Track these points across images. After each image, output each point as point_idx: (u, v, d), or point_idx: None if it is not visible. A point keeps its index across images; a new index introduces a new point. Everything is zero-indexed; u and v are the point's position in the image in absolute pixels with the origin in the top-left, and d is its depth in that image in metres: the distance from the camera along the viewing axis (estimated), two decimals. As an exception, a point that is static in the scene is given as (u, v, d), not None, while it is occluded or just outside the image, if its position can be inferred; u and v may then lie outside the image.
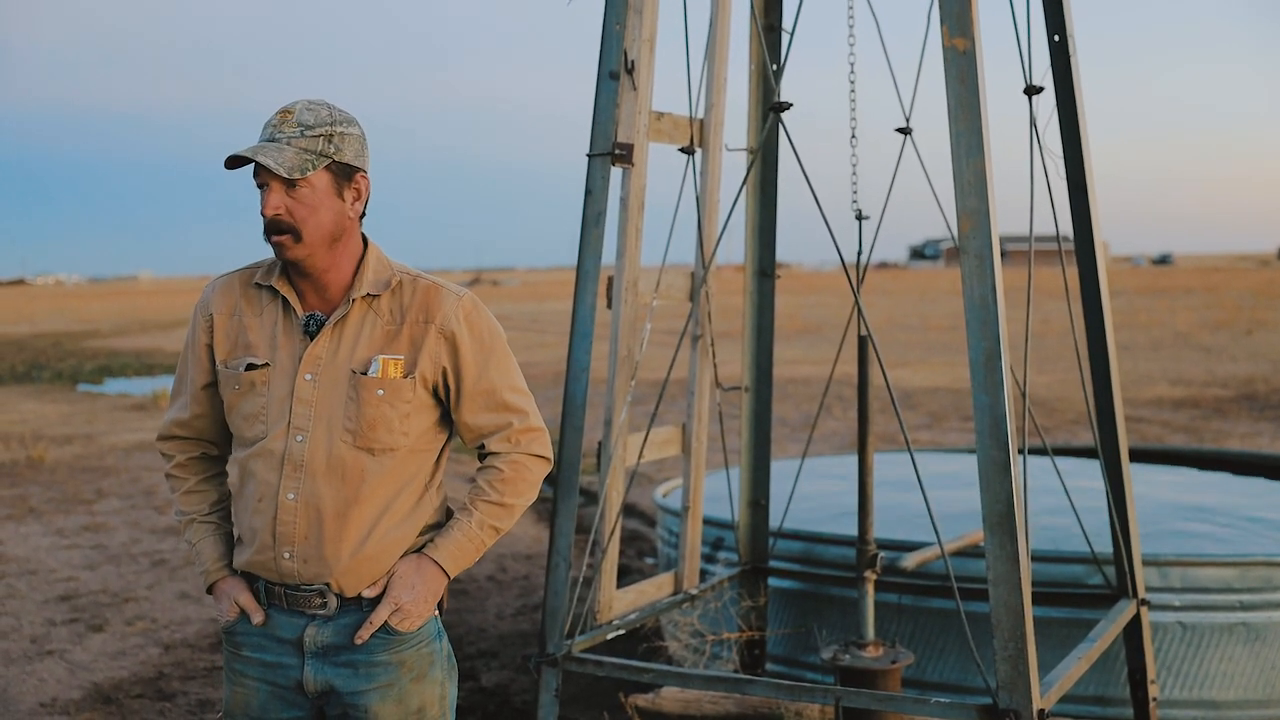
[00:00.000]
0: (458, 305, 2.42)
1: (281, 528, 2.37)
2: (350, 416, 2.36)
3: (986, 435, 3.18)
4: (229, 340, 2.45)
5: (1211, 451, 7.33)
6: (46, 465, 11.83)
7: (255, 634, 2.45)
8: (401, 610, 2.39)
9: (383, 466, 2.38)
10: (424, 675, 2.45)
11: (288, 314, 2.42)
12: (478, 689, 5.34)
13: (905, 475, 5.98)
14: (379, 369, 2.36)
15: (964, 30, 3.19)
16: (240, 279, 2.49)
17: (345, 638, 2.40)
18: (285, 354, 2.40)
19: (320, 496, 2.36)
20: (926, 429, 13.38)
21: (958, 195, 3.21)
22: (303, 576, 2.39)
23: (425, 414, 2.43)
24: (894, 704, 3.68)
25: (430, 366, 2.39)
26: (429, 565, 2.42)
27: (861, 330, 4.17)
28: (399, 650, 2.42)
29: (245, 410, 2.42)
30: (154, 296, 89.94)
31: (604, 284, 3.95)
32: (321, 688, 2.42)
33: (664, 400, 5.35)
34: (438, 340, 2.39)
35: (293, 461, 2.37)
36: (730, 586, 4.82)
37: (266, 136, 2.32)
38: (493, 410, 2.45)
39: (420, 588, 2.40)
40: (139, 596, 6.95)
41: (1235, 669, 4.39)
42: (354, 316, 2.40)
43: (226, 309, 2.47)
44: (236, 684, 2.49)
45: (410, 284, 2.43)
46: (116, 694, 5.36)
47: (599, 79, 3.87)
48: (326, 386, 2.37)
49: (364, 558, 2.38)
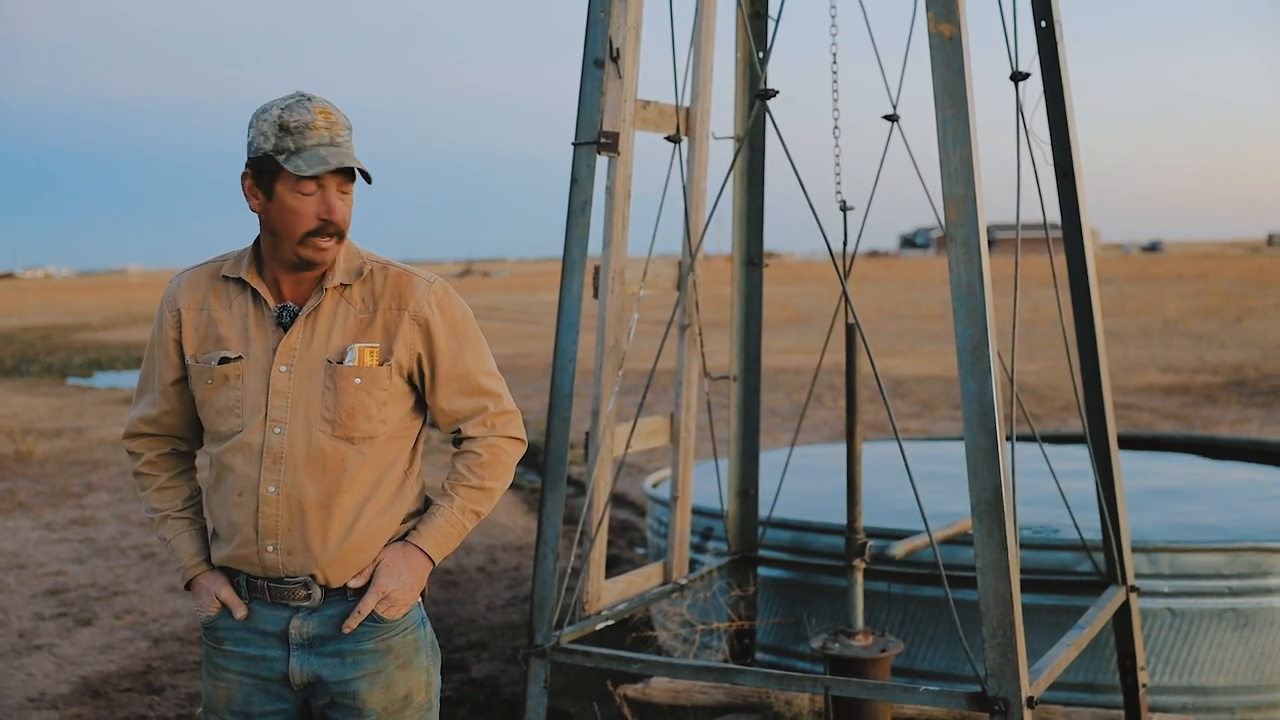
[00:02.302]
0: (429, 291, 2.43)
1: (264, 521, 2.36)
2: (328, 406, 2.36)
3: (974, 423, 3.17)
4: (198, 334, 2.44)
5: (1201, 438, 7.34)
6: (35, 459, 11.79)
7: (237, 628, 2.45)
8: (389, 598, 2.40)
9: (362, 455, 2.38)
10: (410, 662, 2.47)
11: (259, 306, 2.41)
12: (468, 680, 5.33)
13: (894, 464, 5.99)
14: (355, 357, 2.36)
15: (949, 16, 3.17)
16: (206, 272, 2.48)
17: (331, 628, 2.40)
18: (259, 346, 2.39)
19: (302, 488, 2.35)
20: (917, 417, 13.39)
21: (944, 182, 3.20)
22: (287, 569, 2.38)
23: (401, 401, 2.43)
24: (883, 692, 3.68)
25: (405, 353, 2.40)
26: (414, 552, 2.43)
27: (849, 319, 4.16)
28: (386, 638, 2.43)
29: (219, 404, 2.41)
30: (143, 289, 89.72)
31: (590, 274, 3.93)
32: (308, 679, 2.41)
33: (652, 390, 5.34)
34: (411, 327, 2.40)
35: (272, 454, 2.36)
36: (719, 576, 4.81)
37: (324, 141, 2.29)
38: (468, 395, 2.47)
39: (406, 575, 2.41)
40: (128, 590, 6.93)
41: (1225, 655, 4.40)
42: (327, 306, 2.40)
43: (194, 303, 2.45)
44: (218, 678, 2.48)
45: (381, 272, 2.44)
46: (105, 688, 5.34)
47: (584, 67, 3.85)
48: (302, 377, 2.37)
49: (349, 547, 2.38)
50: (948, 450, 6.51)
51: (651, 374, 4.01)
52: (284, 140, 2.28)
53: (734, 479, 4.87)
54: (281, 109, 2.30)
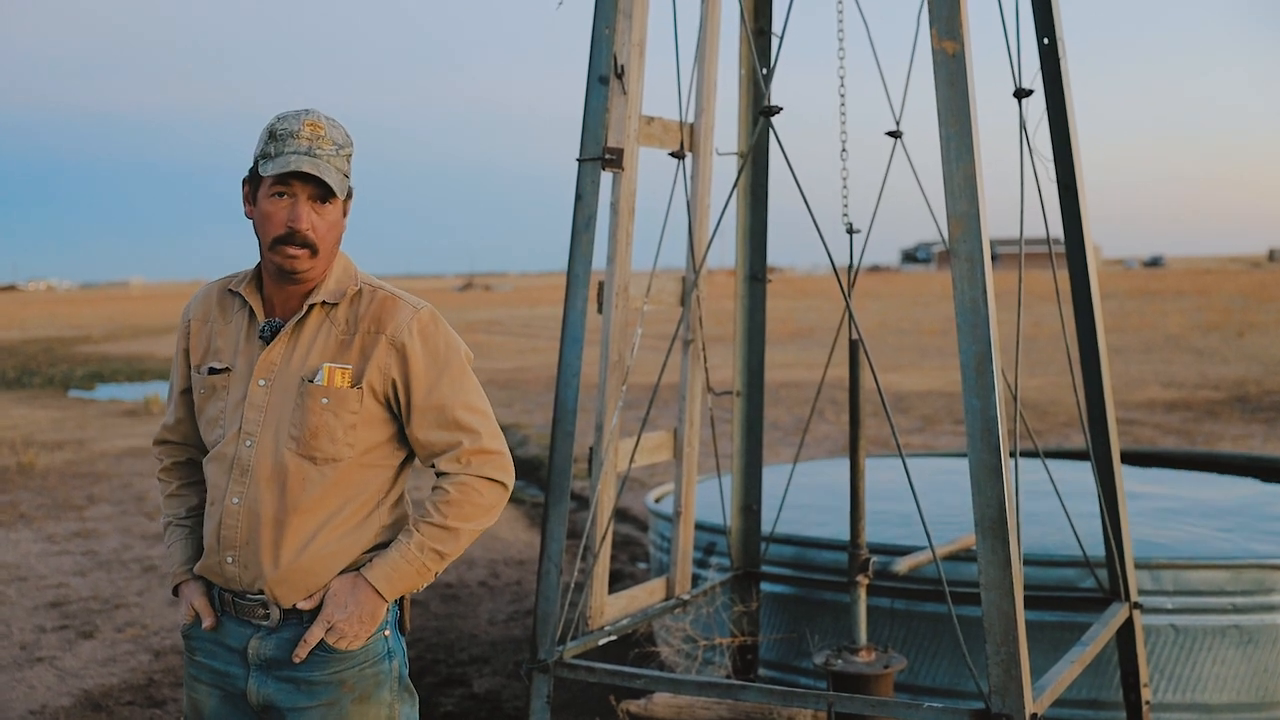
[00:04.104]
0: (413, 317, 2.38)
1: (225, 532, 2.37)
2: (296, 423, 2.34)
3: (978, 438, 3.17)
4: (201, 346, 2.48)
5: (1203, 454, 7.33)
6: (37, 471, 11.78)
7: (207, 639, 2.45)
8: (336, 629, 2.34)
9: (324, 477, 2.34)
10: (369, 696, 2.39)
11: (252, 320, 2.43)
12: (469, 695, 5.32)
13: (897, 479, 5.98)
14: (324, 377, 2.34)
15: (953, 33, 3.19)
16: (219, 286, 2.52)
17: (285, 652, 2.37)
18: (244, 359, 2.41)
19: (261, 502, 2.35)
20: (919, 433, 13.38)
21: (948, 198, 3.21)
22: (243, 583, 2.38)
23: (376, 427, 2.38)
24: (886, 709, 3.67)
25: (379, 378, 2.36)
26: (363, 585, 2.35)
27: (852, 334, 4.16)
28: (338, 670, 2.36)
29: (208, 414, 2.44)
30: (145, 302, 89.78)
31: (595, 289, 3.94)
32: (264, 701, 2.39)
33: (655, 405, 5.32)
34: (388, 351, 2.36)
35: (240, 466, 2.37)
36: (722, 591, 4.81)
37: (301, 150, 2.29)
38: (443, 428, 2.39)
39: (354, 608, 2.34)
40: (129, 603, 6.92)
41: (1228, 672, 4.39)
42: (310, 324, 2.40)
43: (202, 315, 2.50)
44: (191, 688, 2.50)
45: (369, 294, 2.41)
46: (106, 701, 5.33)
47: (589, 83, 3.86)
48: (278, 393, 2.37)
49: (297, 568, 2.34)
50: (949, 466, 6.51)
51: (655, 389, 4.01)
52: (268, 146, 2.32)
53: (737, 494, 4.87)
54: (277, 118, 2.34)
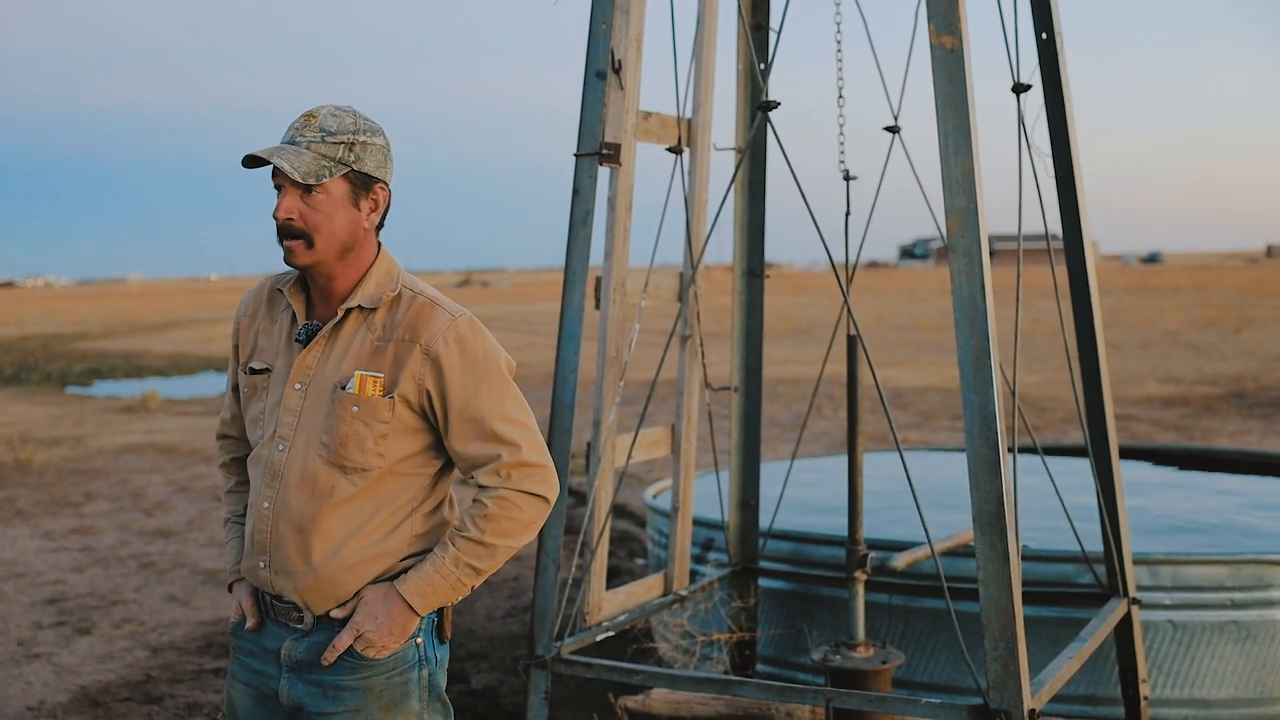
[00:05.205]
0: (451, 326, 2.30)
1: (258, 536, 2.36)
2: (327, 430, 2.30)
3: (976, 434, 3.17)
4: (249, 344, 2.46)
5: (1201, 449, 7.34)
6: (34, 467, 11.77)
7: (249, 639, 2.46)
8: (364, 638, 2.31)
9: (354, 485, 2.30)
10: (395, 705, 2.36)
11: (293, 322, 2.39)
12: (468, 691, 5.32)
13: (895, 474, 5.98)
14: (355, 385, 2.28)
15: (951, 28, 3.18)
16: (271, 283, 2.48)
17: (316, 655, 2.35)
18: (283, 361, 2.38)
19: (290, 508, 2.32)
20: (917, 428, 13.38)
21: (946, 194, 3.20)
22: (275, 587, 2.36)
23: (409, 437, 2.32)
24: (885, 705, 3.67)
25: (412, 387, 2.29)
26: (394, 597, 2.31)
27: (850, 330, 4.16)
28: (366, 676, 2.34)
29: (251, 414, 2.43)
30: (143, 298, 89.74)
31: (592, 284, 3.93)
32: (294, 703, 2.38)
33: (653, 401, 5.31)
34: (422, 361, 2.29)
35: (272, 470, 2.34)
36: (720, 587, 4.80)
37: (288, 139, 2.28)
38: (481, 440, 2.31)
39: (385, 619, 2.30)
40: (126, 599, 6.91)
41: (1226, 667, 4.39)
42: (348, 329, 2.34)
43: (251, 312, 2.48)
44: (231, 686, 2.50)
45: (409, 300, 2.34)
46: (104, 697, 5.32)
47: (586, 78, 3.85)
48: (312, 398, 2.32)
49: (325, 577, 2.31)
50: (947, 461, 6.51)
51: (653, 385, 4.01)
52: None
53: (735, 490, 4.86)
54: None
